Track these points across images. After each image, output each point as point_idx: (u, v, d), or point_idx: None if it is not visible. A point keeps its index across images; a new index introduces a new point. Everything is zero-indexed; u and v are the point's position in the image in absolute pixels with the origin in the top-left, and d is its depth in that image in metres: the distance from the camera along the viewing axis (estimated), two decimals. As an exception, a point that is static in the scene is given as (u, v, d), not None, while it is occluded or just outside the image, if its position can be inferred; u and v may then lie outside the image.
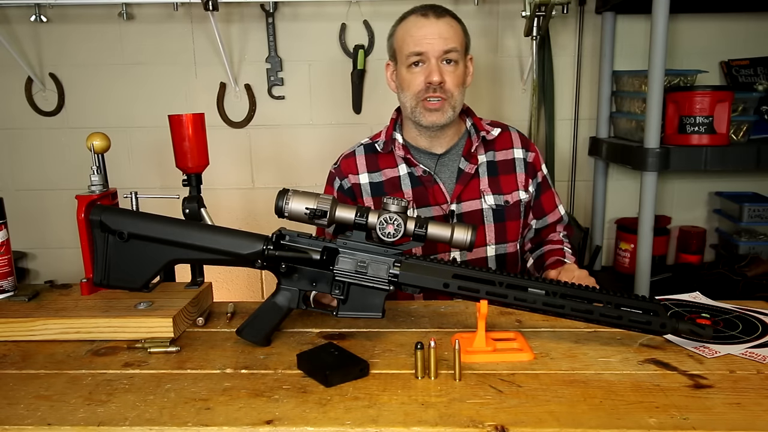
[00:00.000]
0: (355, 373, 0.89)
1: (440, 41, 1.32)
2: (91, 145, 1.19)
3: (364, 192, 1.44)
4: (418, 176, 1.42)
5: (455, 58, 1.34)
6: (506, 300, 0.96)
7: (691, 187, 2.26)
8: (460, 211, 1.41)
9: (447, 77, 1.34)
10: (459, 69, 1.36)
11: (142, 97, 2.19)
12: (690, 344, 0.98)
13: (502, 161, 1.45)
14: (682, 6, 1.92)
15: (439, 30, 1.33)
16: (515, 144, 1.47)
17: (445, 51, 1.33)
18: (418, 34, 1.34)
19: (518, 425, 0.76)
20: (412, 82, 1.36)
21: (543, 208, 1.49)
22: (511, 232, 1.44)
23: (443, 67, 1.34)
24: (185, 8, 2.10)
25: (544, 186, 1.49)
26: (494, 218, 1.42)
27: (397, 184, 1.43)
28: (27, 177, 2.24)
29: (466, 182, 1.41)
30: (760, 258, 1.99)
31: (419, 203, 1.41)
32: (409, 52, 1.35)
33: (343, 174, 1.46)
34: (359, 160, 1.46)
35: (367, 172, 1.45)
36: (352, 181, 1.45)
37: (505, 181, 1.44)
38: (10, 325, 1.05)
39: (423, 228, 0.99)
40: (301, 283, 1.01)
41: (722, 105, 1.76)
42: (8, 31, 2.11)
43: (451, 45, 1.33)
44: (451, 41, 1.33)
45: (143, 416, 0.79)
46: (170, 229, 0.99)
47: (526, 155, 1.47)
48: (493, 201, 1.42)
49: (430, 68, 1.33)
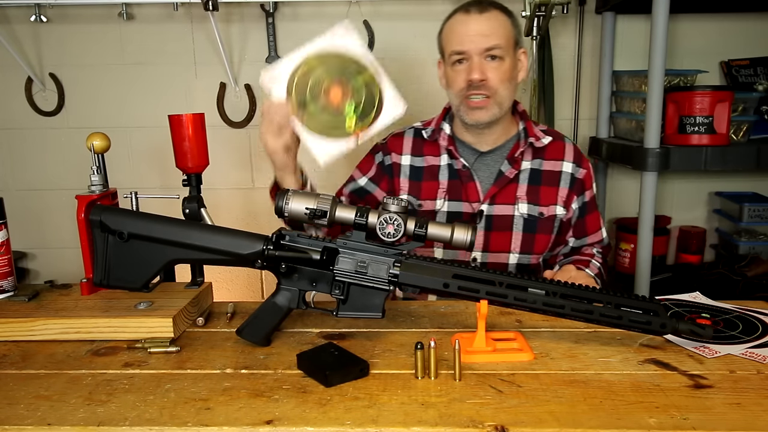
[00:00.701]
0: (355, 373, 0.89)
1: (481, 38, 1.29)
2: (91, 145, 1.19)
3: (402, 173, 1.44)
4: (457, 169, 1.40)
5: (499, 54, 1.30)
6: (506, 300, 0.96)
7: (691, 187, 2.26)
8: (490, 213, 1.38)
9: (490, 74, 1.30)
10: (505, 64, 1.32)
11: (142, 97, 2.19)
12: (690, 344, 0.98)
13: (547, 171, 1.41)
14: (682, 6, 1.92)
15: (480, 27, 1.30)
16: (567, 157, 1.42)
17: (487, 48, 1.29)
18: (460, 32, 1.31)
19: (518, 425, 0.76)
20: (456, 80, 1.34)
21: (586, 229, 1.44)
22: (539, 244, 1.40)
23: (486, 63, 1.30)
24: (185, 8, 2.10)
25: (590, 206, 1.44)
26: (524, 227, 1.38)
27: (435, 172, 1.42)
28: (27, 177, 2.24)
29: (502, 185, 1.38)
30: (760, 258, 1.99)
31: (451, 196, 1.40)
32: (451, 51, 1.33)
33: (388, 150, 1.46)
34: (406, 141, 1.46)
35: (411, 154, 1.44)
36: (393, 160, 1.45)
37: (545, 193, 1.40)
38: (10, 325, 1.05)
39: (423, 228, 0.99)
40: (301, 283, 1.01)
41: (722, 105, 1.76)
42: (8, 31, 2.11)
43: (494, 42, 1.29)
44: (494, 37, 1.29)
45: (143, 416, 0.79)
46: (170, 229, 0.99)
47: (575, 171, 1.42)
48: (526, 210, 1.38)
49: (472, 66, 1.30)
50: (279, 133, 1.20)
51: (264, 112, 1.21)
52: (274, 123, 1.20)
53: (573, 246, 1.46)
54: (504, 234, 1.39)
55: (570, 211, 1.42)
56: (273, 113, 1.19)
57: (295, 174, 1.27)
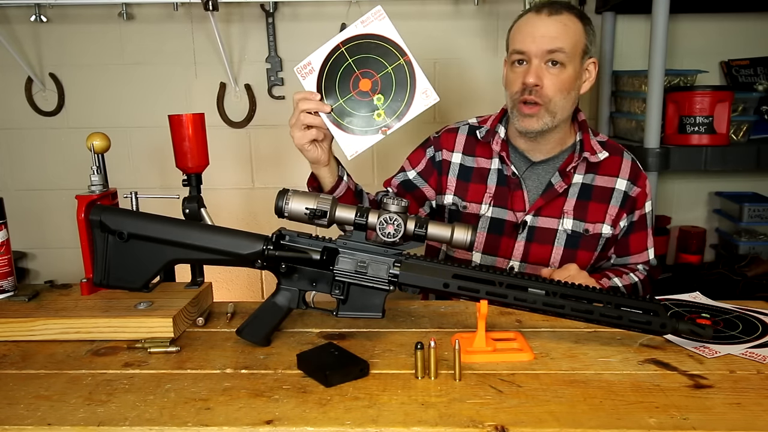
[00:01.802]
0: (355, 373, 0.89)
1: (545, 40, 1.23)
2: (91, 145, 1.19)
3: (451, 171, 1.40)
4: (507, 176, 1.36)
5: (561, 59, 1.24)
6: (506, 300, 0.96)
7: (691, 187, 2.26)
8: (534, 224, 1.34)
9: (546, 80, 1.24)
10: (565, 73, 1.25)
11: (142, 97, 2.19)
12: (690, 344, 0.98)
13: (599, 187, 1.35)
14: (682, 6, 1.92)
15: (547, 28, 1.24)
16: (622, 174, 1.36)
17: (549, 51, 1.23)
18: (524, 31, 1.26)
19: (518, 425, 0.76)
20: (512, 82, 1.30)
21: (628, 248, 1.38)
22: (580, 260, 1.34)
23: (545, 69, 1.25)
24: (185, 8, 2.10)
25: (638, 225, 1.38)
26: (566, 243, 1.34)
27: (485, 175, 1.38)
28: (27, 177, 2.24)
29: (550, 198, 1.34)
30: (760, 258, 1.99)
31: (497, 202, 1.37)
32: (513, 50, 1.28)
33: (441, 146, 1.42)
34: (459, 138, 1.42)
35: (462, 153, 1.40)
36: (444, 156, 1.42)
37: (594, 209, 1.34)
38: (10, 325, 1.05)
39: (423, 228, 0.98)
40: (301, 283, 1.01)
41: (722, 105, 1.76)
42: (8, 31, 2.11)
43: (557, 45, 1.23)
44: (559, 41, 1.23)
45: (143, 416, 0.79)
46: (170, 229, 0.99)
47: (629, 188, 1.36)
48: (571, 226, 1.33)
49: (530, 68, 1.25)
50: (307, 126, 1.17)
51: (294, 103, 1.18)
52: (303, 115, 1.16)
53: (614, 264, 1.42)
54: (545, 247, 1.35)
55: (618, 229, 1.37)
56: (302, 105, 1.16)
57: (329, 166, 1.23)
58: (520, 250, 1.36)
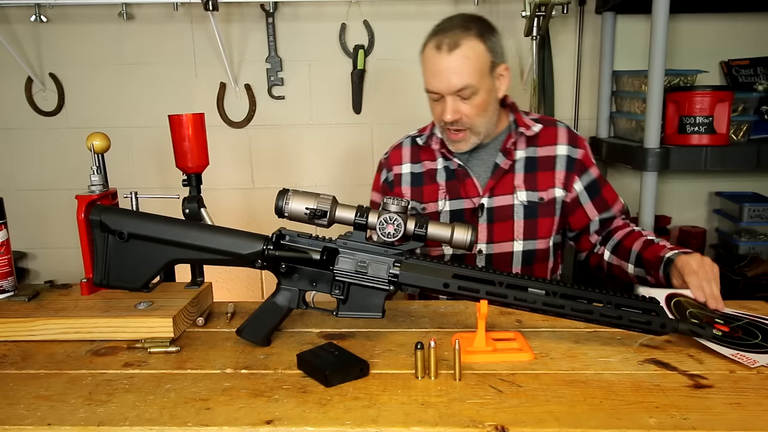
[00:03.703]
0: (355, 373, 0.89)
1: (452, 79, 1.30)
2: (91, 145, 1.19)
3: (403, 181, 1.48)
4: (454, 169, 1.44)
5: (469, 94, 1.31)
6: (506, 300, 0.96)
7: (691, 187, 2.26)
8: (491, 205, 1.40)
9: (463, 110, 1.33)
10: (478, 98, 1.33)
11: (142, 97, 2.19)
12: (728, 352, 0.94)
13: (542, 157, 1.43)
14: (682, 6, 1.92)
15: (450, 68, 1.30)
16: (560, 140, 1.44)
17: (457, 90, 1.31)
18: (432, 70, 1.33)
19: (518, 425, 0.76)
20: (434, 111, 1.40)
21: (607, 202, 1.45)
22: (542, 228, 1.42)
23: (458, 103, 1.33)
24: (185, 8, 2.10)
25: (601, 181, 1.46)
26: (525, 215, 1.40)
27: (433, 175, 1.46)
28: (27, 177, 2.24)
29: (499, 177, 1.41)
30: (760, 258, 1.99)
31: (452, 195, 1.43)
32: (426, 88, 1.37)
33: (390, 165, 1.52)
34: (404, 151, 1.51)
35: (410, 162, 1.49)
36: (395, 172, 1.50)
37: (543, 178, 1.42)
38: (10, 325, 1.05)
39: (423, 228, 0.99)
40: (301, 283, 1.01)
41: (722, 105, 1.76)
42: (8, 31, 2.11)
43: (463, 83, 1.30)
44: (464, 78, 1.29)
45: (143, 416, 0.79)
46: (170, 229, 0.99)
47: (572, 152, 1.43)
48: (525, 197, 1.40)
49: (445, 107, 1.33)
50: None
51: None
52: None
53: (601, 219, 1.46)
54: (506, 224, 1.41)
55: (572, 191, 1.43)
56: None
57: None
58: (484, 233, 1.42)
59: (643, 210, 1.77)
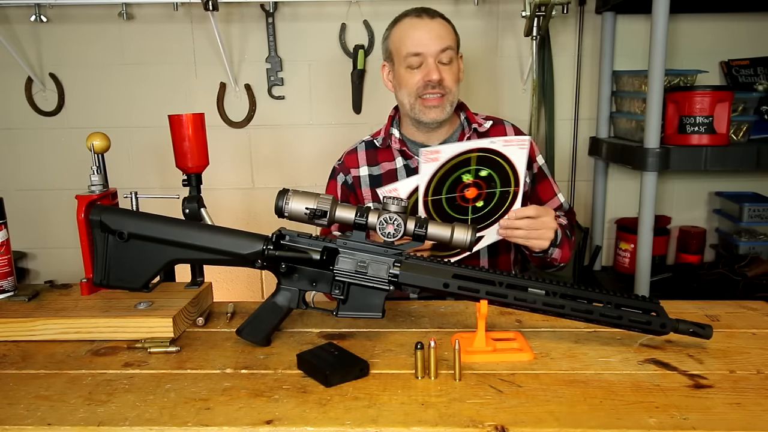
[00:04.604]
0: (355, 373, 0.89)
1: (437, 41, 1.37)
2: (91, 145, 1.19)
3: (362, 183, 1.49)
4: (414, 168, 1.45)
5: (451, 56, 1.39)
6: (506, 300, 0.96)
7: (691, 187, 2.26)
8: None
9: (445, 74, 1.38)
10: (454, 66, 1.41)
11: (142, 97, 2.19)
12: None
13: None
14: (682, 6, 1.92)
15: (434, 30, 1.37)
16: (509, 135, 1.47)
17: (442, 50, 1.37)
18: (415, 35, 1.38)
19: (518, 425, 0.76)
20: (410, 81, 1.40)
21: (539, 198, 1.49)
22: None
23: (440, 66, 1.38)
24: (185, 8, 2.10)
25: (540, 176, 1.49)
26: None
27: (393, 175, 1.46)
28: (27, 177, 2.24)
29: None
30: (760, 258, 1.99)
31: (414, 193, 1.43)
32: (408, 53, 1.38)
33: (347, 169, 1.51)
34: (360, 155, 1.51)
35: (367, 165, 1.50)
36: (353, 175, 1.50)
37: None
38: (10, 325, 1.05)
39: (423, 228, 0.99)
40: (301, 283, 1.01)
41: (722, 105, 1.76)
42: (8, 31, 2.11)
43: (447, 43, 1.37)
44: (447, 40, 1.38)
45: (143, 416, 0.79)
46: (170, 229, 0.99)
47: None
48: None
49: (429, 67, 1.37)
50: None
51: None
52: None
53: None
54: None
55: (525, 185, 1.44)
56: None
57: None
58: None
59: (643, 210, 1.77)
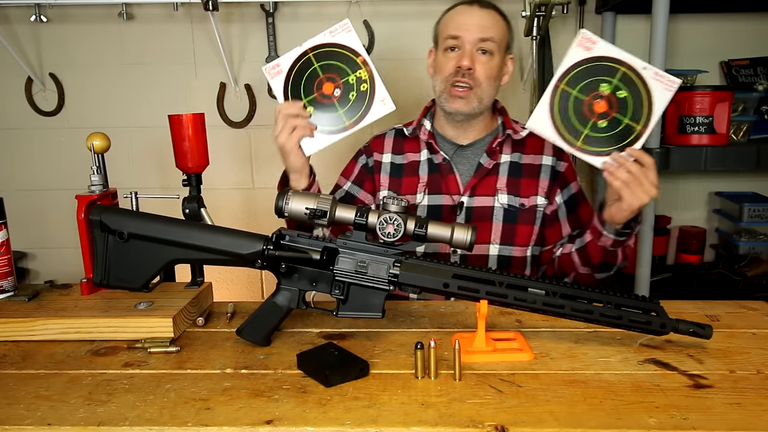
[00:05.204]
0: (355, 373, 0.89)
1: (478, 29, 1.34)
2: (91, 145, 1.19)
3: (383, 170, 1.47)
4: (437, 163, 1.43)
5: (491, 48, 1.35)
6: (506, 300, 0.96)
7: (691, 187, 2.26)
8: (471, 205, 1.39)
9: (478, 66, 1.34)
10: (493, 61, 1.36)
11: (142, 97, 2.18)
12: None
13: (527, 164, 1.42)
14: (682, 6, 1.92)
15: (479, 18, 1.35)
16: (546, 151, 1.44)
17: (481, 39, 1.33)
18: (458, 20, 1.36)
19: (518, 425, 0.76)
20: (445, 66, 1.37)
21: (581, 220, 1.43)
22: (520, 235, 1.40)
23: (477, 55, 1.35)
24: (185, 8, 2.10)
25: (580, 197, 1.45)
26: (504, 218, 1.39)
27: (415, 168, 1.45)
28: (27, 177, 2.24)
29: (481, 177, 1.40)
30: (760, 258, 1.99)
31: (432, 190, 1.42)
32: (447, 35, 1.37)
33: (371, 151, 1.51)
34: (387, 140, 1.50)
35: (392, 153, 1.48)
36: (375, 159, 1.49)
37: (526, 185, 1.41)
38: (10, 325, 1.05)
39: (423, 228, 0.99)
40: (301, 283, 1.01)
41: (722, 105, 1.76)
42: (8, 31, 2.11)
43: (489, 34, 1.34)
44: (490, 31, 1.34)
45: (143, 416, 0.79)
46: (170, 229, 0.99)
47: (556, 164, 1.43)
48: (506, 201, 1.39)
49: (464, 53, 1.34)
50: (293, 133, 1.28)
51: (276, 114, 1.29)
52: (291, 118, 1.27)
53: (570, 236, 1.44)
54: (484, 224, 1.39)
55: (554, 204, 1.42)
56: (285, 110, 1.27)
57: (309, 177, 1.33)
58: None
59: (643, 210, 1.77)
